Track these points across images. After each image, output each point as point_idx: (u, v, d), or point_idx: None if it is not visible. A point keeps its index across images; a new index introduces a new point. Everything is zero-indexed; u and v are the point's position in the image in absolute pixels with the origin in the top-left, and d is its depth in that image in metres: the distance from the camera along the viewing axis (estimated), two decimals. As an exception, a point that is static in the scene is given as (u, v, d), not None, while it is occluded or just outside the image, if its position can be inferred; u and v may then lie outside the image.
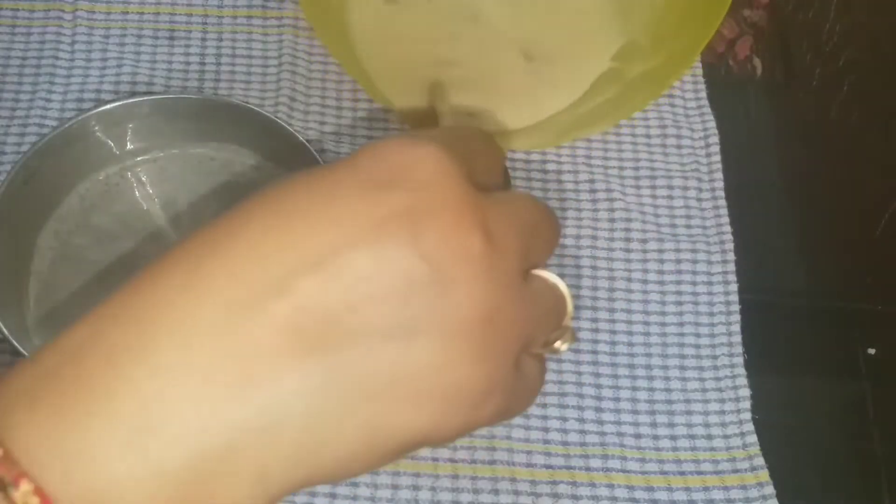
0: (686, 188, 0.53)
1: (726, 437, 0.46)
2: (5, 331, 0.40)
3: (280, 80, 0.54)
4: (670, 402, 0.47)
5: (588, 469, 0.45)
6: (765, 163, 0.56)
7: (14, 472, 0.20)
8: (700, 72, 0.57)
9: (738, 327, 0.49)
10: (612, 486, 0.44)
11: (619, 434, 0.46)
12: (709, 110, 0.55)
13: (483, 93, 0.53)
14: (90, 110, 0.45)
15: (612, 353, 0.48)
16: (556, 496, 0.44)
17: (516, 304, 0.24)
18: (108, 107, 0.45)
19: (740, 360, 0.48)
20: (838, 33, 0.59)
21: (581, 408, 0.47)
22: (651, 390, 0.47)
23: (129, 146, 0.47)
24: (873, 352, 0.51)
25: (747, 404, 0.47)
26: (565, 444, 0.46)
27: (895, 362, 0.50)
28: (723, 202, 0.53)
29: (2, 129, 0.51)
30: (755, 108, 0.57)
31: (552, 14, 0.56)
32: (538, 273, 0.26)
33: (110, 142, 0.47)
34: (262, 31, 0.56)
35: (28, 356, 0.39)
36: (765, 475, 0.45)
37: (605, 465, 0.45)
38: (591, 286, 0.50)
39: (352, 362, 0.22)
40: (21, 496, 0.19)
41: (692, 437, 0.46)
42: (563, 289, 0.27)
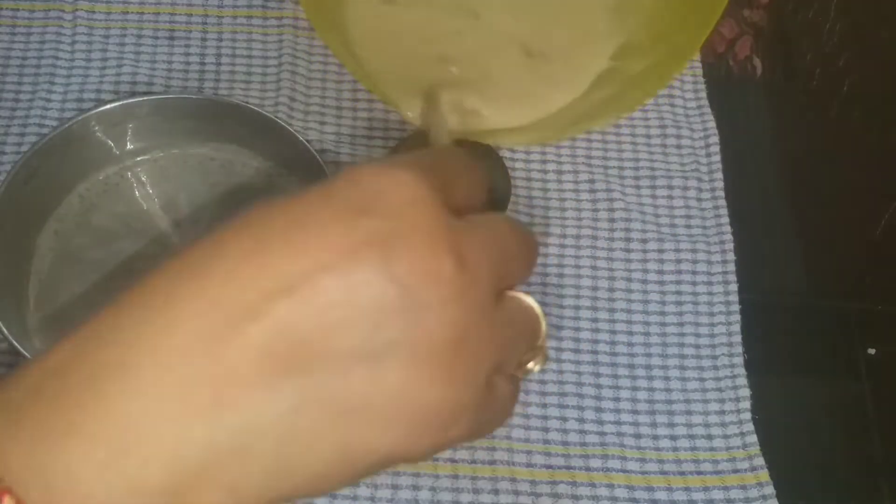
0: (686, 188, 0.53)
1: (726, 437, 0.46)
2: (5, 331, 0.40)
3: (280, 80, 0.54)
4: (670, 401, 0.47)
5: (588, 469, 0.45)
6: (765, 163, 0.56)
7: None
8: (700, 72, 0.57)
9: (738, 327, 0.49)
10: (612, 486, 0.44)
11: (619, 434, 0.46)
12: (709, 110, 0.55)
13: (484, 90, 0.52)
14: (90, 110, 0.45)
15: (612, 353, 0.48)
16: (556, 496, 0.44)
17: (487, 327, 0.24)
18: (108, 107, 0.46)
19: (740, 360, 0.48)
20: (838, 33, 0.59)
21: (581, 408, 0.47)
22: (651, 390, 0.47)
23: (129, 146, 0.47)
24: (873, 352, 0.51)
25: (747, 404, 0.47)
26: (565, 444, 0.46)
27: (895, 362, 0.50)
28: (723, 202, 0.53)
29: (2, 129, 0.51)
30: (755, 108, 0.57)
31: (551, 11, 0.56)
32: (513, 294, 0.27)
33: (110, 142, 0.47)
34: (262, 31, 0.56)
35: (28, 356, 0.39)
36: (765, 475, 0.45)
37: (604, 465, 0.45)
38: (591, 286, 0.50)
39: (323, 385, 0.22)
40: None
41: (692, 436, 0.46)
42: (537, 310, 0.28)
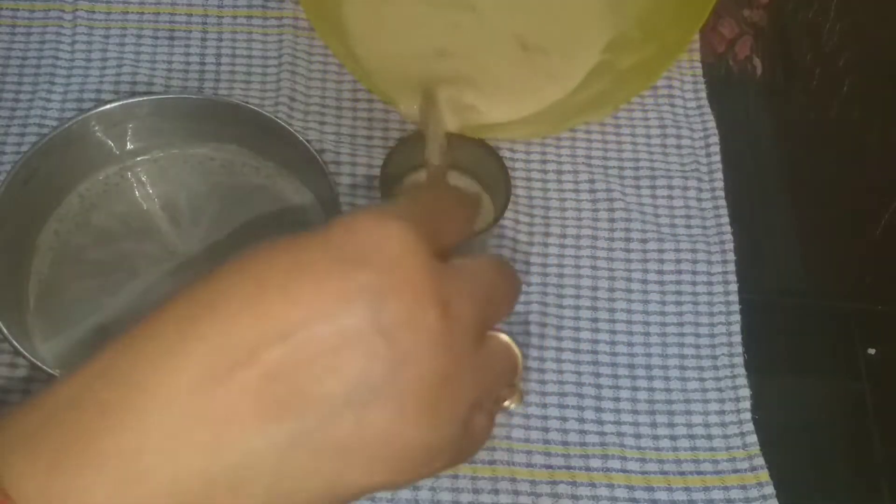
0: (686, 188, 0.53)
1: (726, 437, 0.46)
2: (5, 331, 0.40)
3: (280, 80, 0.54)
4: (670, 401, 0.47)
5: (588, 469, 0.45)
6: (765, 163, 0.56)
7: None
8: (700, 72, 0.57)
9: (738, 327, 0.49)
10: (612, 486, 0.44)
11: (619, 434, 0.46)
12: (709, 110, 0.56)
13: (481, 84, 0.52)
14: (90, 110, 0.45)
15: (612, 353, 0.48)
16: (556, 496, 0.44)
17: (468, 371, 0.26)
18: (108, 107, 0.46)
19: (740, 360, 0.48)
20: (838, 33, 0.59)
21: (581, 408, 0.47)
22: (651, 390, 0.47)
23: (129, 146, 0.47)
24: (873, 352, 0.51)
25: (747, 404, 0.47)
26: (565, 444, 0.46)
27: (895, 362, 0.50)
28: (723, 202, 0.53)
29: (2, 129, 0.51)
30: (755, 108, 0.57)
31: (546, 4, 0.56)
32: (494, 335, 0.28)
33: (110, 142, 0.47)
34: (262, 31, 0.56)
35: (28, 356, 0.39)
36: (765, 475, 0.45)
37: (604, 465, 0.45)
38: (591, 286, 0.50)
39: (314, 427, 0.24)
40: None
41: (692, 436, 0.46)
42: (515, 350, 0.29)
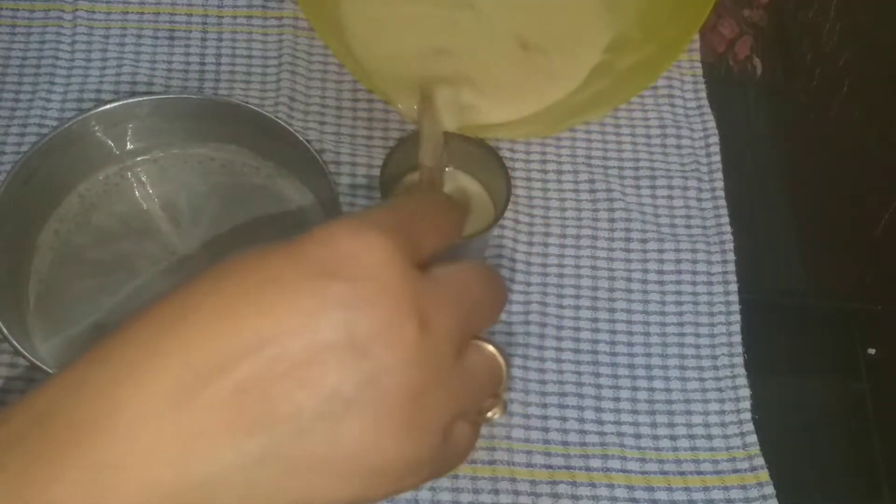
0: (686, 188, 0.53)
1: (726, 437, 0.46)
2: (5, 331, 0.40)
3: (280, 80, 0.54)
4: (670, 401, 0.47)
5: (588, 469, 0.45)
6: (765, 163, 0.56)
7: None
8: (700, 72, 0.57)
9: (738, 327, 0.49)
10: (612, 486, 0.44)
11: (619, 434, 0.46)
12: (709, 110, 0.56)
13: (481, 84, 0.52)
14: (90, 110, 0.45)
15: (612, 353, 0.48)
16: (556, 496, 0.44)
17: (446, 384, 0.25)
18: (108, 107, 0.45)
19: (740, 360, 0.48)
20: (838, 33, 0.59)
21: (581, 408, 0.47)
22: (651, 390, 0.47)
23: (129, 146, 0.47)
24: (873, 352, 0.51)
25: (747, 404, 0.47)
26: (565, 444, 0.46)
27: (895, 362, 0.50)
28: (723, 202, 0.53)
29: (2, 129, 0.51)
30: (755, 108, 0.57)
31: (546, 3, 0.56)
32: (477, 344, 0.27)
33: (110, 142, 0.47)
34: (262, 31, 0.56)
35: (28, 356, 0.39)
36: (765, 475, 0.45)
37: (605, 465, 0.45)
38: (591, 286, 0.50)
39: (286, 442, 0.23)
40: None
41: (692, 437, 0.46)
42: (500, 360, 0.28)
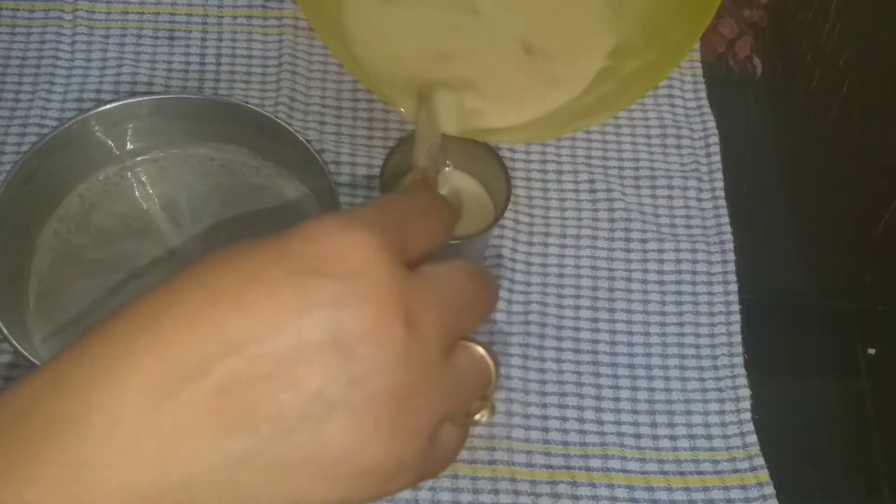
0: (686, 188, 0.53)
1: (726, 437, 0.46)
2: (5, 331, 0.40)
3: (280, 80, 0.54)
4: (670, 402, 0.47)
5: (588, 469, 0.45)
6: (765, 163, 0.56)
7: None
8: (700, 72, 0.57)
9: (738, 327, 0.49)
10: (612, 486, 0.44)
11: (619, 434, 0.46)
12: (709, 110, 0.56)
13: (484, 88, 0.52)
14: (90, 110, 0.45)
15: (612, 353, 0.48)
16: (556, 496, 0.44)
17: (433, 385, 0.25)
18: (108, 107, 0.45)
19: (740, 360, 0.48)
20: (838, 33, 0.59)
21: (581, 408, 0.47)
22: (651, 390, 0.47)
23: (129, 146, 0.47)
24: (873, 352, 0.51)
25: (747, 404, 0.47)
26: (565, 444, 0.46)
27: (895, 362, 0.50)
28: (723, 202, 0.53)
29: (2, 129, 0.51)
30: (755, 108, 0.57)
31: (550, 7, 0.56)
32: (466, 345, 0.27)
33: (110, 142, 0.47)
34: (262, 31, 0.56)
35: (28, 357, 0.39)
36: (765, 475, 0.45)
37: (605, 465, 0.45)
38: (591, 286, 0.50)
39: (269, 443, 0.23)
40: None
41: (692, 437, 0.46)
42: (489, 361, 0.28)
